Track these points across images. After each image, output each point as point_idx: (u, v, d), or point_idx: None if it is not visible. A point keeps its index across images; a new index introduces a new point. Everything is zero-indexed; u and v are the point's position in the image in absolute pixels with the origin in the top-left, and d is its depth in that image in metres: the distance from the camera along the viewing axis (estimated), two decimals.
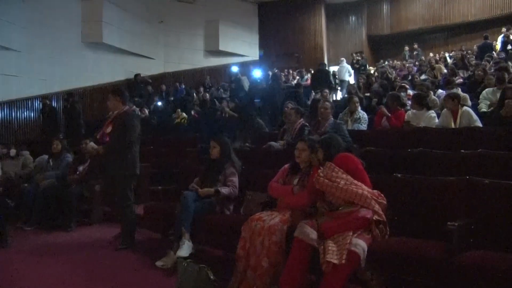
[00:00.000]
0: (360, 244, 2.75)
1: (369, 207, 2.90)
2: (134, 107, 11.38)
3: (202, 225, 3.94)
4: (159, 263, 3.88)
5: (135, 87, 13.47)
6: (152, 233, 5.10)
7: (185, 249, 3.75)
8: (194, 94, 13.57)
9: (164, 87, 14.40)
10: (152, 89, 13.95)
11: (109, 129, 4.49)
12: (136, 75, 13.83)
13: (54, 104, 11.69)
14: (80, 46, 12.76)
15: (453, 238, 2.69)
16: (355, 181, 3.01)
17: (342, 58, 15.17)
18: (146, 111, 10.53)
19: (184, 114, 10.60)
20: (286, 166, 3.77)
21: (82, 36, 12.80)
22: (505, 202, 2.84)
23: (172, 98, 13.45)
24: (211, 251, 4.35)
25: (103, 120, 5.20)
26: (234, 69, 13.72)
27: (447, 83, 7.21)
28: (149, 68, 15.18)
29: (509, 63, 10.05)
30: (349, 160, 3.18)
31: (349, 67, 14.78)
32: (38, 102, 11.49)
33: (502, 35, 13.43)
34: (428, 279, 2.65)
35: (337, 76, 14.33)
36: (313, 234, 2.93)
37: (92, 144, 4.63)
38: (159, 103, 12.55)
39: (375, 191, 3.03)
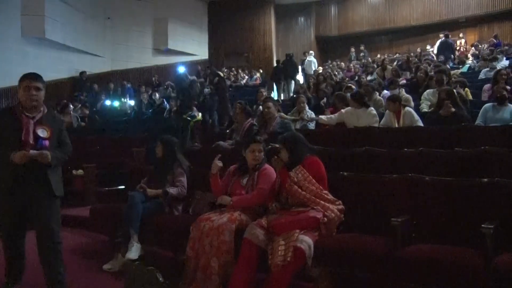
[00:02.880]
0: (306, 241, 2.80)
1: (327, 213, 2.97)
2: (80, 105, 11.06)
3: (150, 226, 3.86)
4: (106, 267, 3.78)
5: (80, 85, 13.03)
6: (98, 235, 4.94)
7: (133, 251, 3.67)
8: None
9: (112, 85, 14.03)
10: (98, 87, 13.55)
11: (45, 132, 3.09)
12: (82, 73, 13.38)
13: None
14: (20, 41, 12.14)
15: (396, 233, 2.80)
16: (323, 193, 3.06)
17: (311, 51, 15.50)
18: (86, 110, 10.19)
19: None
20: (232, 168, 3.76)
21: (22, 31, 12.19)
22: (444, 198, 2.99)
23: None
24: (160, 253, 4.28)
25: None
26: (181, 69, 13.59)
27: (391, 84, 7.48)
28: (95, 66, 14.73)
29: (447, 65, 10.61)
30: (319, 166, 3.23)
31: (315, 60, 15.13)
32: None
33: (440, 40, 14.21)
34: (374, 273, 2.75)
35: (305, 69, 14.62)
36: (262, 235, 2.96)
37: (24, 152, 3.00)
38: (107, 102, 12.22)
39: (333, 199, 3.11)
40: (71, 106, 10.07)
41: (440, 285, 2.50)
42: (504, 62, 10.25)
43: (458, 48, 14.34)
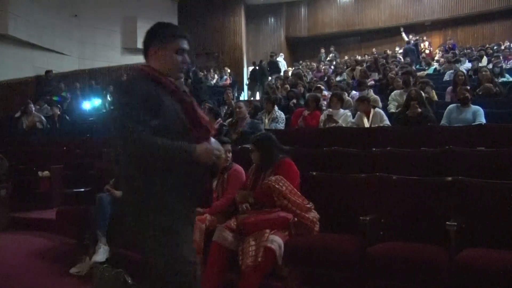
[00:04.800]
0: (276, 241, 2.82)
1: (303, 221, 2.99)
2: (46, 105, 10.78)
3: (118, 228, 3.81)
4: (73, 270, 3.71)
5: (46, 85, 12.68)
6: (65, 238, 4.84)
7: (101, 253, 3.62)
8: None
9: (78, 85, 13.71)
10: (65, 86, 13.22)
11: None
12: (47, 72, 13.03)
13: None
14: None
15: (365, 232, 2.85)
16: (298, 201, 3.04)
17: (281, 54, 15.63)
18: (57, 110, 9.94)
19: None
20: None
21: None
22: (411, 196, 3.06)
23: None
24: (129, 255, 4.22)
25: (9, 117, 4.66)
26: None
27: (360, 85, 7.60)
28: (61, 65, 14.33)
29: (413, 67, 10.88)
30: (294, 170, 3.24)
31: (284, 62, 15.35)
32: None
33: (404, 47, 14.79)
34: (343, 271, 2.79)
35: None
36: (231, 237, 2.96)
37: None
38: (85, 105, 11.94)
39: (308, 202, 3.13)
40: (32, 106, 9.75)
41: (407, 281, 2.56)
42: (467, 65, 10.58)
43: (422, 50, 14.75)
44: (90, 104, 12.13)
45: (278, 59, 15.12)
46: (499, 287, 2.27)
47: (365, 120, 5.58)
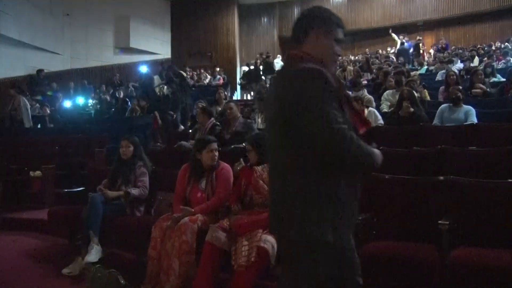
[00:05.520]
0: (269, 240, 2.82)
1: None
2: (37, 105, 10.71)
3: (111, 228, 3.79)
4: (66, 270, 3.67)
5: (37, 84, 12.59)
6: (57, 238, 4.80)
7: (93, 253, 3.59)
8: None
9: (72, 84, 13.64)
10: (57, 86, 13.14)
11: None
12: (39, 71, 12.94)
13: None
14: None
15: (357, 231, 2.85)
16: None
17: (278, 55, 16.01)
18: (47, 109, 9.88)
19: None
20: (183, 170, 3.65)
21: None
22: (403, 196, 3.07)
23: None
24: (122, 255, 4.20)
25: None
26: (143, 69, 13.37)
27: (354, 85, 7.62)
28: (53, 64, 14.27)
29: (406, 66, 10.93)
30: None
31: (282, 63, 15.40)
32: None
33: (399, 41, 14.81)
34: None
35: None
36: (224, 237, 2.96)
37: None
38: (66, 103, 11.87)
39: None
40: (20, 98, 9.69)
41: (399, 279, 2.58)
42: (459, 65, 10.66)
43: (422, 50, 14.85)
44: (71, 102, 12.04)
45: (276, 60, 15.20)
46: (490, 285, 2.29)
47: None
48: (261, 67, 14.42)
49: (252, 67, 14.47)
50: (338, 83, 1.66)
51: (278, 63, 15.14)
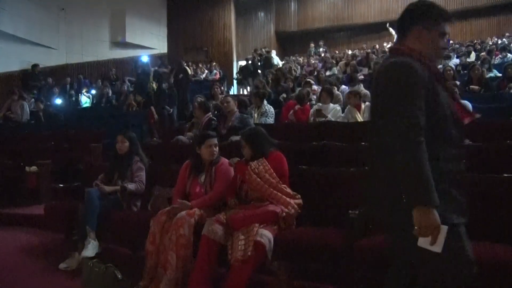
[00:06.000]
0: (266, 235, 2.83)
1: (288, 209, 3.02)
2: (33, 100, 10.66)
3: (108, 223, 3.79)
4: (62, 265, 3.68)
5: (32, 79, 12.54)
6: (54, 234, 4.79)
7: (90, 248, 3.59)
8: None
9: (69, 79, 13.58)
10: (53, 81, 13.09)
11: None
12: (34, 66, 12.88)
13: None
14: None
15: (353, 226, 2.86)
16: (282, 187, 3.09)
17: (273, 50, 16.09)
18: (41, 104, 9.84)
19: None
20: (185, 165, 3.69)
21: None
22: None
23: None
24: (119, 250, 4.21)
25: None
26: (144, 58, 13.36)
27: (351, 80, 7.62)
28: (49, 59, 14.20)
29: None
30: (283, 163, 3.26)
31: (277, 58, 15.50)
32: None
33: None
34: (332, 265, 2.82)
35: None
36: (221, 231, 2.96)
37: None
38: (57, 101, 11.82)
39: (293, 193, 3.15)
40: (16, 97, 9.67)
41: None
42: (455, 60, 10.68)
43: None
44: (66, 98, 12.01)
45: (271, 55, 15.20)
46: (482, 278, 2.31)
47: (358, 114, 5.62)
48: (259, 63, 14.40)
49: (250, 62, 14.46)
50: (435, 75, 1.73)
51: (274, 58, 15.15)
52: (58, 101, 11.84)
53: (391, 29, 16.07)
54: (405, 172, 1.61)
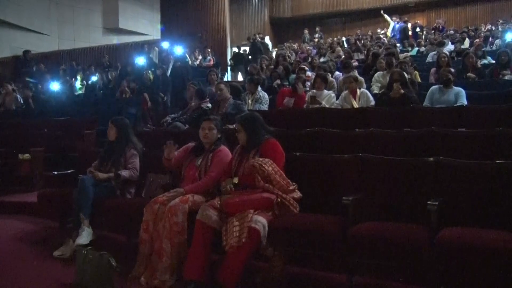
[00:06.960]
0: (260, 221, 2.83)
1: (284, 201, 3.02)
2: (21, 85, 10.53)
3: (102, 210, 3.78)
4: (56, 253, 3.68)
5: (24, 65, 12.38)
6: (48, 221, 4.79)
7: (84, 236, 3.59)
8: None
9: (63, 66, 13.43)
10: (45, 67, 12.93)
11: None
12: (26, 52, 12.71)
13: None
14: None
15: (348, 212, 2.87)
16: (282, 183, 3.05)
17: (266, 36, 15.75)
18: (29, 92, 9.72)
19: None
20: (190, 145, 3.73)
21: None
22: (393, 177, 3.09)
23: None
24: (113, 237, 4.21)
25: None
26: (165, 45, 13.20)
27: (345, 66, 7.58)
28: (40, 45, 13.97)
29: (397, 48, 10.91)
30: (279, 150, 3.24)
31: (270, 43, 15.55)
32: None
33: (393, 23, 14.76)
34: (327, 251, 2.85)
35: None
36: (215, 216, 2.95)
37: None
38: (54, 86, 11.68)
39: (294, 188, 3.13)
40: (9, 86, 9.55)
41: (389, 259, 2.61)
42: (450, 47, 10.66)
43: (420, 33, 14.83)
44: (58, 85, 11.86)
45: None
46: (477, 265, 2.33)
47: (354, 101, 5.60)
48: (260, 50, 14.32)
49: (247, 49, 14.41)
50: None
51: (268, 43, 15.17)
52: (56, 86, 11.67)
53: (386, 16, 16.03)
54: None
